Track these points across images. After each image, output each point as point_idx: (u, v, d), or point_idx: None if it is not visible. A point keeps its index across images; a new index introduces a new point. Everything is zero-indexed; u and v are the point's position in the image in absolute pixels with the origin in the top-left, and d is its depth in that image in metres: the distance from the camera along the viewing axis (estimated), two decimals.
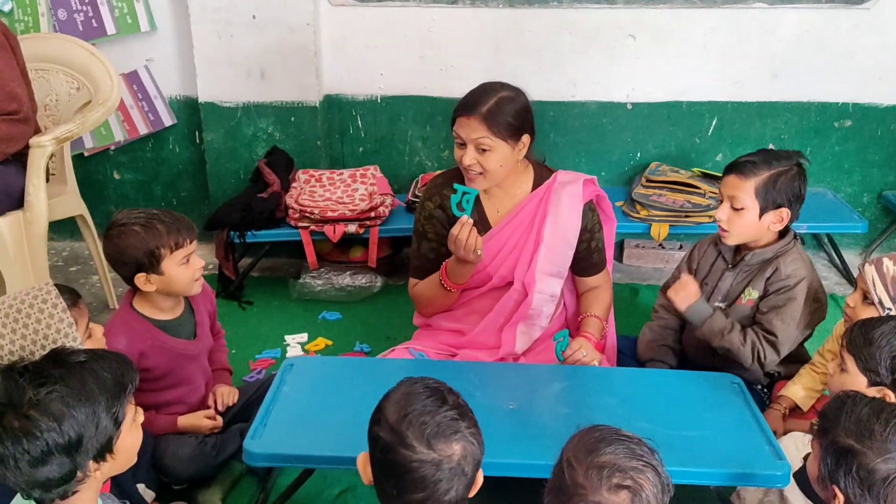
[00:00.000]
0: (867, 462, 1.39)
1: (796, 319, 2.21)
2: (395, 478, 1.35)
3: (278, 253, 3.53)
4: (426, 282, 2.40)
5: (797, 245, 2.27)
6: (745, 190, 2.16)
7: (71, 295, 1.85)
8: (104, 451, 1.39)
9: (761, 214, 2.18)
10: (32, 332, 1.74)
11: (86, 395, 1.36)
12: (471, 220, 2.15)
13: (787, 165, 2.18)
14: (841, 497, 1.44)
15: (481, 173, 2.22)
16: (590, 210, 2.36)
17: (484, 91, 2.22)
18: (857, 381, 1.76)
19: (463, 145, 2.21)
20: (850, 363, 1.78)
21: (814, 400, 2.24)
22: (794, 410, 2.25)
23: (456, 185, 2.19)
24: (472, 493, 1.41)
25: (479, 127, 2.16)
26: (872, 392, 1.70)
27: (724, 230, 2.23)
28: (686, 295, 2.25)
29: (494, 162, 2.21)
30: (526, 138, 2.24)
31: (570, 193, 2.32)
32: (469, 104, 2.19)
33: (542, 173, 2.38)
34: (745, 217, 2.18)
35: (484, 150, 2.18)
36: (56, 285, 1.81)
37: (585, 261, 2.40)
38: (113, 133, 3.61)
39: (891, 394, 1.71)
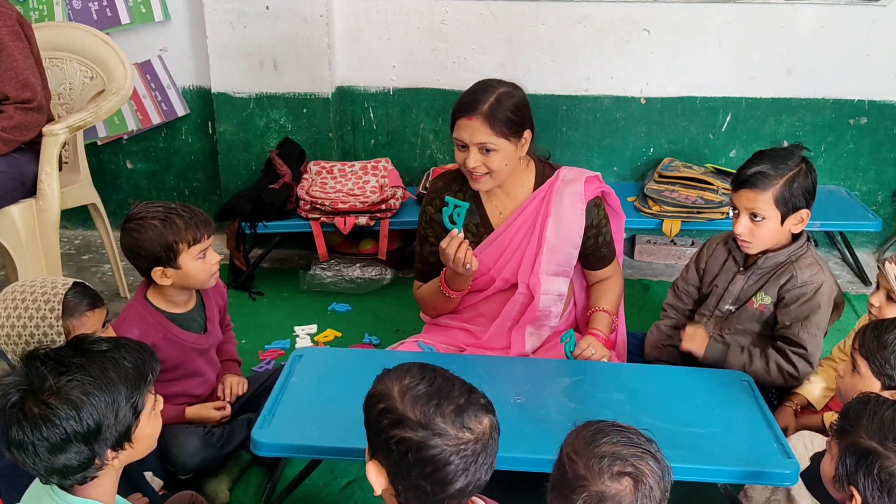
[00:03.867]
0: (889, 465, 1.38)
1: (822, 327, 2.18)
2: (433, 473, 1.29)
3: (289, 244, 3.54)
4: (428, 286, 2.40)
5: (811, 248, 2.22)
6: (764, 202, 2.11)
7: (90, 302, 1.87)
8: (123, 439, 1.40)
9: (783, 221, 2.14)
10: (21, 327, 1.80)
11: (105, 384, 1.36)
12: (461, 235, 2.12)
13: (796, 166, 2.12)
14: (859, 498, 1.42)
15: (487, 174, 2.18)
16: (595, 206, 2.32)
17: (481, 89, 2.16)
18: (870, 384, 1.74)
19: (465, 148, 2.16)
20: (864, 367, 1.75)
21: (829, 398, 2.23)
22: (807, 407, 2.24)
23: (448, 199, 2.14)
24: None
25: (482, 127, 2.11)
26: (887, 395, 1.68)
27: (746, 242, 2.17)
28: (699, 343, 2.26)
29: (499, 161, 2.16)
30: (527, 134, 2.19)
31: (572, 192, 2.27)
32: (469, 104, 2.13)
33: (545, 170, 2.33)
34: (767, 227, 2.13)
35: (488, 151, 2.14)
36: (79, 285, 1.85)
37: (594, 255, 2.38)
38: (126, 122, 3.62)
39: None
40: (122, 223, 2.07)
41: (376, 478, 1.37)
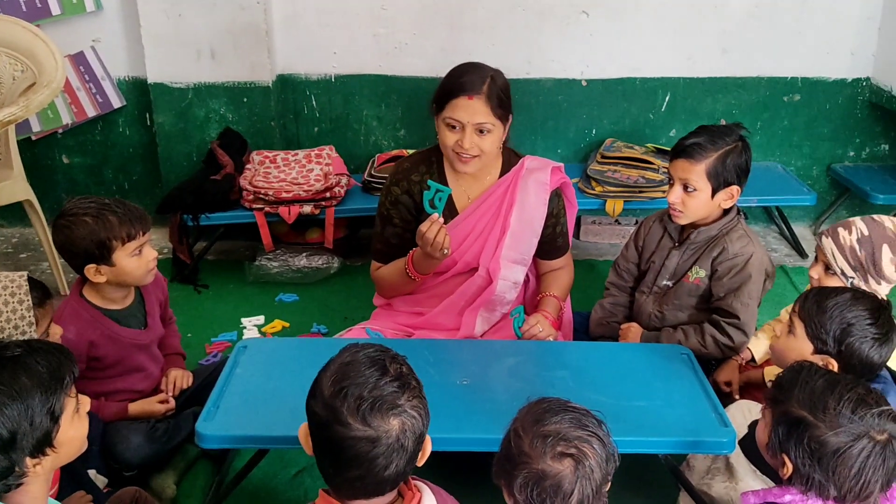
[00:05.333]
0: (819, 434, 1.41)
1: (755, 297, 2.24)
2: (332, 455, 1.31)
3: (233, 236, 3.49)
4: (390, 267, 2.39)
5: (741, 221, 2.29)
6: (697, 173, 2.17)
7: (41, 293, 1.84)
8: (42, 445, 1.36)
9: (713, 194, 2.20)
10: None
11: (18, 391, 1.32)
12: (441, 220, 2.12)
13: (733, 142, 2.19)
14: (790, 466, 1.46)
15: (476, 156, 2.20)
16: (556, 196, 2.36)
17: (475, 69, 2.19)
18: (803, 346, 1.78)
19: (456, 128, 2.17)
20: (800, 328, 1.79)
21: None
22: (750, 362, 2.30)
23: (430, 182, 2.15)
24: (420, 462, 1.38)
25: (483, 107, 2.14)
26: (816, 359, 1.73)
27: (678, 212, 2.23)
28: (633, 338, 2.34)
29: (491, 143, 2.20)
30: (510, 118, 2.25)
31: (537, 181, 2.31)
32: (469, 83, 2.14)
33: (511, 158, 2.36)
34: (699, 198, 2.19)
35: (483, 132, 2.17)
36: (29, 279, 1.81)
37: (549, 244, 2.41)
38: (60, 116, 3.53)
39: (834, 363, 1.74)
40: (54, 220, 2.02)
41: (304, 440, 1.38)
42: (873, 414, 1.40)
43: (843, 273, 2.04)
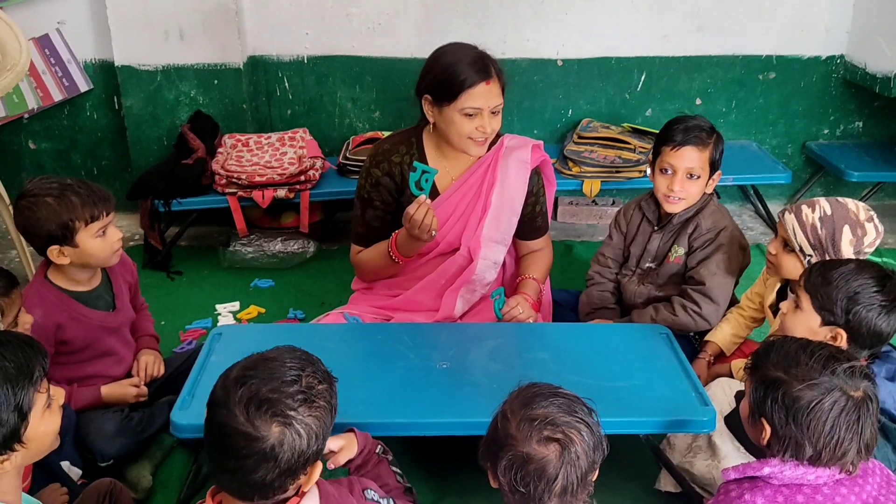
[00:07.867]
0: (792, 390, 1.42)
1: (723, 267, 2.27)
2: (211, 438, 1.27)
3: (206, 221, 3.43)
4: (371, 250, 2.35)
5: (713, 199, 2.36)
6: (703, 160, 2.25)
7: (6, 281, 1.79)
8: (9, 442, 1.32)
9: (708, 179, 2.28)
10: None
11: None
12: (429, 201, 2.09)
13: (714, 131, 2.28)
14: (768, 428, 1.47)
15: (489, 137, 2.19)
16: (535, 174, 2.35)
17: (471, 51, 2.17)
18: (811, 319, 1.77)
19: (474, 115, 2.14)
20: (806, 302, 1.79)
21: (737, 345, 2.32)
22: (720, 356, 2.31)
23: (416, 164, 2.11)
24: (305, 488, 1.30)
25: (497, 89, 2.15)
26: (825, 331, 1.74)
27: (678, 199, 2.27)
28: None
29: (499, 122, 2.20)
30: None
31: (518, 159, 2.29)
32: (483, 69, 2.12)
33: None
34: (699, 184, 2.27)
35: (495, 113, 2.16)
36: None
37: (529, 224, 2.40)
38: (26, 100, 3.44)
39: (843, 333, 1.73)
40: (15, 201, 1.97)
41: None
42: (844, 369, 1.41)
43: (801, 250, 2.04)
